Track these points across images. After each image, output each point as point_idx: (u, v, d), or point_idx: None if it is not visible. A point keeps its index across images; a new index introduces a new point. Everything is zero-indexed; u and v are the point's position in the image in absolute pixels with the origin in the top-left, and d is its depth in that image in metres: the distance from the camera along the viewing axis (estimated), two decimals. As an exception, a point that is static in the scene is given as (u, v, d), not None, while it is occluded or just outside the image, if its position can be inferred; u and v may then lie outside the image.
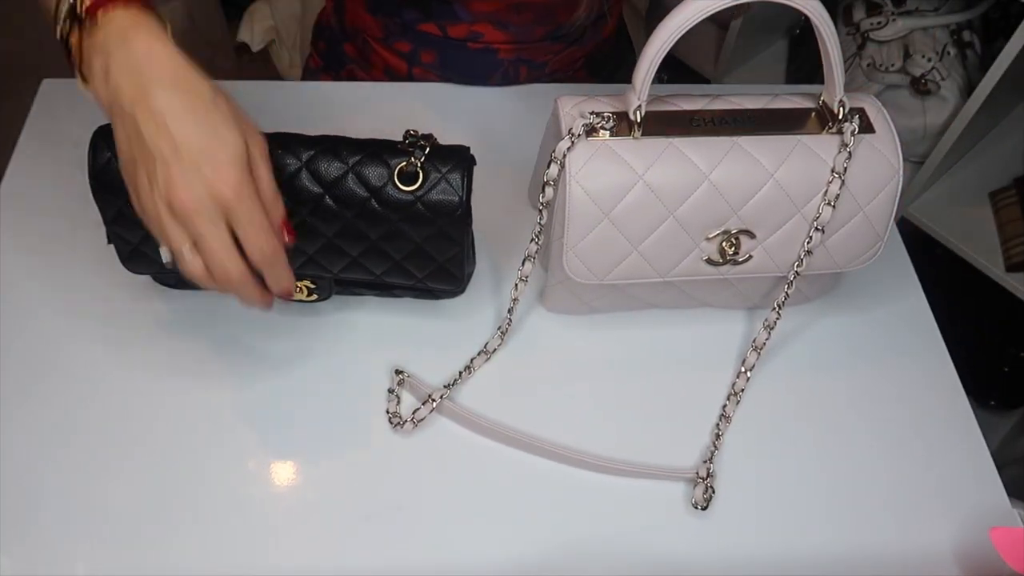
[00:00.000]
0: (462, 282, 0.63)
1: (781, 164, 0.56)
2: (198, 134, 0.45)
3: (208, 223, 0.46)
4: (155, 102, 0.45)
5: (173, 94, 0.45)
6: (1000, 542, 0.54)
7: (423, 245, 0.58)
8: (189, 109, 0.45)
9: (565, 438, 0.60)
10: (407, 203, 0.55)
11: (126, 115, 0.45)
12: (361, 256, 0.59)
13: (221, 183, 0.45)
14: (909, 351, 0.68)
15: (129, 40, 0.45)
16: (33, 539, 0.54)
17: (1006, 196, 1.19)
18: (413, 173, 0.55)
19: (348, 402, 0.62)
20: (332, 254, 0.59)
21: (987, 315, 1.35)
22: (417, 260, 0.60)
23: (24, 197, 0.70)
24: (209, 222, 0.46)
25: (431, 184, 0.55)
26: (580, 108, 0.56)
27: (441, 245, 0.58)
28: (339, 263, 0.60)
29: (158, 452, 0.58)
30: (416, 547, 0.56)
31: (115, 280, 0.66)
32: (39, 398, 0.60)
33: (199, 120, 0.45)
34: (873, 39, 1.22)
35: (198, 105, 0.46)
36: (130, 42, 0.45)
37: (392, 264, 0.60)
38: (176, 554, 0.54)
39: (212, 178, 0.45)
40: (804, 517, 0.59)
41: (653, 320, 0.68)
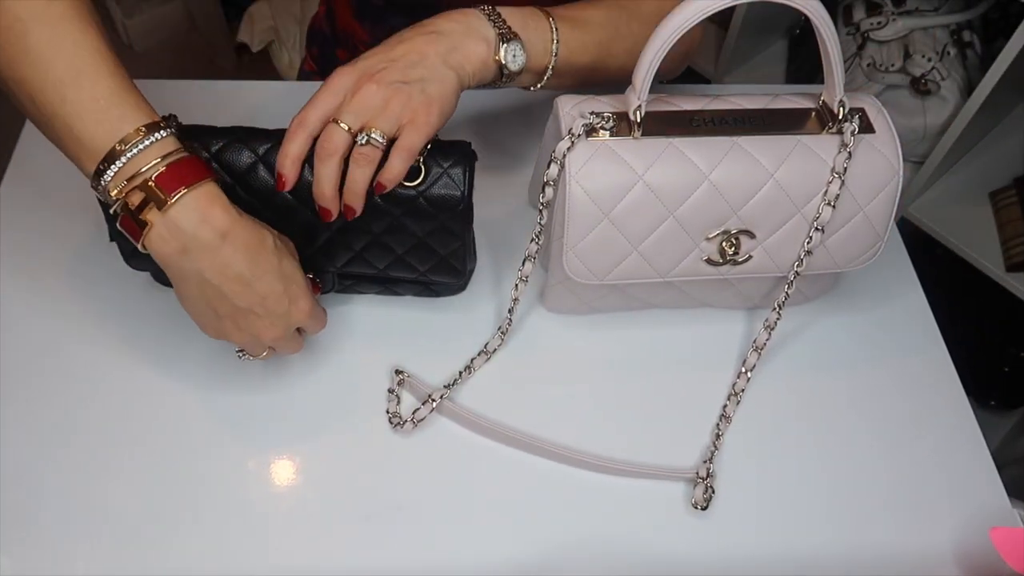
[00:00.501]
0: (463, 276, 0.63)
1: (781, 164, 0.56)
2: (277, 283, 0.52)
3: (289, 342, 0.55)
4: (237, 268, 0.50)
5: (251, 258, 0.50)
6: (1000, 542, 0.54)
7: (425, 239, 0.59)
8: (263, 266, 0.51)
9: (565, 438, 0.60)
10: (409, 198, 0.56)
11: (208, 284, 0.50)
12: (364, 250, 0.60)
13: (301, 315, 0.54)
14: (909, 351, 0.68)
15: (208, 220, 0.48)
16: (33, 539, 0.54)
17: (1006, 196, 1.19)
18: (415, 168, 0.55)
19: (348, 402, 0.62)
20: (336, 248, 0.60)
21: (987, 315, 1.35)
22: (419, 254, 0.60)
23: (24, 197, 0.71)
24: (289, 341, 0.55)
25: (433, 179, 0.55)
26: (580, 108, 0.56)
27: (443, 239, 0.59)
28: (342, 257, 0.60)
29: (158, 452, 0.58)
30: (416, 547, 0.56)
31: (115, 280, 0.66)
32: (39, 398, 0.60)
33: (272, 272, 0.51)
34: (873, 39, 1.22)
35: (267, 259, 0.51)
36: (209, 221, 0.48)
37: (395, 258, 0.60)
38: (176, 554, 0.54)
39: (301, 309, 0.53)
40: (804, 517, 0.59)
41: (653, 320, 0.68)
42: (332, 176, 0.53)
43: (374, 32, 0.81)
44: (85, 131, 0.47)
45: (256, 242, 0.50)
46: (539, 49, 0.58)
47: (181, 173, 0.48)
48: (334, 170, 0.53)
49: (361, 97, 0.52)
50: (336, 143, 0.52)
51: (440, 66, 0.54)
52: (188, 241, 0.48)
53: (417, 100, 0.53)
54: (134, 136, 0.47)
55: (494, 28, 0.56)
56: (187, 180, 0.48)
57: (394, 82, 0.53)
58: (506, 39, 0.56)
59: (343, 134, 0.52)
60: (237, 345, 0.55)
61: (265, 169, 0.55)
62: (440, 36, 0.55)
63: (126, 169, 0.47)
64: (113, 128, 0.47)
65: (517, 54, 0.57)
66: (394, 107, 0.53)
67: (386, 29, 0.65)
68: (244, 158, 0.55)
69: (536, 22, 0.58)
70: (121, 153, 0.47)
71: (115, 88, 0.47)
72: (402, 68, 0.53)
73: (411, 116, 0.53)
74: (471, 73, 0.56)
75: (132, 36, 1.95)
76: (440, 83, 0.54)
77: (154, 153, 0.47)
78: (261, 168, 0.55)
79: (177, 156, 0.48)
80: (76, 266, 0.67)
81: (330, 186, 0.53)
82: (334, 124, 0.52)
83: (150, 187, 0.47)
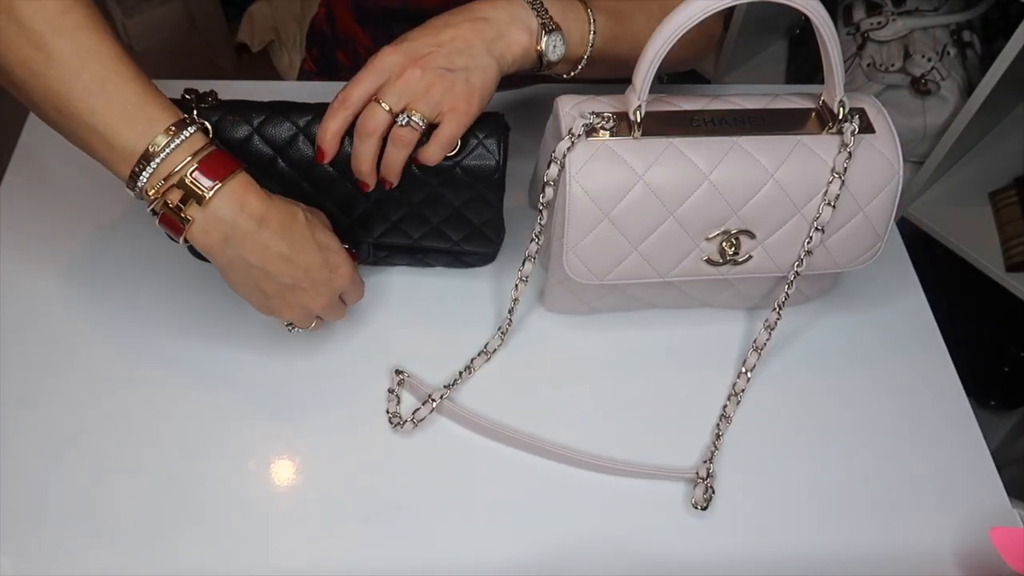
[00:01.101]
0: (496, 245, 0.65)
1: (781, 164, 0.56)
2: (316, 255, 0.54)
3: (335, 309, 0.58)
4: (277, 248, 0.52)
5: (288, 237, 0.52)
6: (1000, 542, 0.54)
7: (460, 209, 0.60)
8: (300, 240, 0.53)
9: (565, 438, 0.60)
10: (446, 168, 0.57)
11: (252, 267, 0.52)
12: (400, 221, 0.61)
13: (343, 280, 0.56)
14: (909, 351, 0.68)
15: (246, 207, 0.50)
16: (34, 539, 0.54)
17: (1006, 196, 1.19)
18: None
19: (348, 402, 0.62)
20: (373, 219, 0.61)
21: (987, 315, 1.35)
22: (454, 223, 0.62)
23: (24, 197, 0.71)
24: (335, 308, 0.58)
25: (469, 150, 0.57)
26: (580, 108, 0.56)
27: (478, 208, 0.60)
28: (379, 227, 0.62)
29: (158, 452, 0.58)
30: (416, 547, 0.56)
31: (114, 280, 0.66)
32: (39, 398, 0.60)
33: (309, 244, 0.53)
34: (873, 39, 1.22)
35: (302, 233, 0.53)
36: (247, 208, 0.50)
37: (430, 228, 0.62)
38: (176, 554, 0.54)
39: (342, 275, 0.56)
40: (804, 517, 0.59)
41: (653, 320, 0.68)
42: (370, 154, 0.55)
43: (375, 36, 0.81)
44: (117, 137, 0.48)
45: (290, 219, 0.52)
46: (576, 39, 0.59)
47: (214, 167, 0.50)
48: (373, 148, 0.54)
49: (405, 80, 0.53)
50: (377, 123, 0.53)
51: (484, 55, 0.55)
52: (229, 230, 0.50)
53: (460, 88, 0.54)
54: (165, 137, 0.49)
55: (537, 18, 0.57)
56: (220, 173, 0.49)
57: (439, 68, 0.53)
58: (548, 29, 0.57)
59: (384, 114, 0.53)
60: (287, 320, 0.57)
61: (306, 141, 0.56)
62: (487, 23, 0.56)
63: (161, 169, 0.49)
64: (144, 131, 0.48)
65: (557, 45, 0.58)
66: (436, 93, 0.54)
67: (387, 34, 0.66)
68: (285, 130, 0.56)
69: (575, 12, 0.59)
70: (155, 155, 0.49)
71: (140, 92, 0.49)
72: (447, 55, 0.54)
73: (452, 104, 0.54)
74: (511, 62, 0.57)
75: (132, 36, 1.95)
76: (483, 72, 0.55)
77: (186, 151, 0.49)
78: (302, 139, 0.56)
79: (207, 151, 0.50)
80: (76, 266, 0.67)
81: (368, 163, 0.55)
82: (376, 104, 0.53)
83: (188, 184, 0.49)
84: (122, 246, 0.68)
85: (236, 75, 1.94)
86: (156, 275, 0.67)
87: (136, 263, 0.67)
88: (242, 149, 0.56)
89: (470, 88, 0.54)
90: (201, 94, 0.55)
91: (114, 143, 0.48)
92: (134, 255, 0.68)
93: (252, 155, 0.56)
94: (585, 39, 0.60)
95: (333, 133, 0.54)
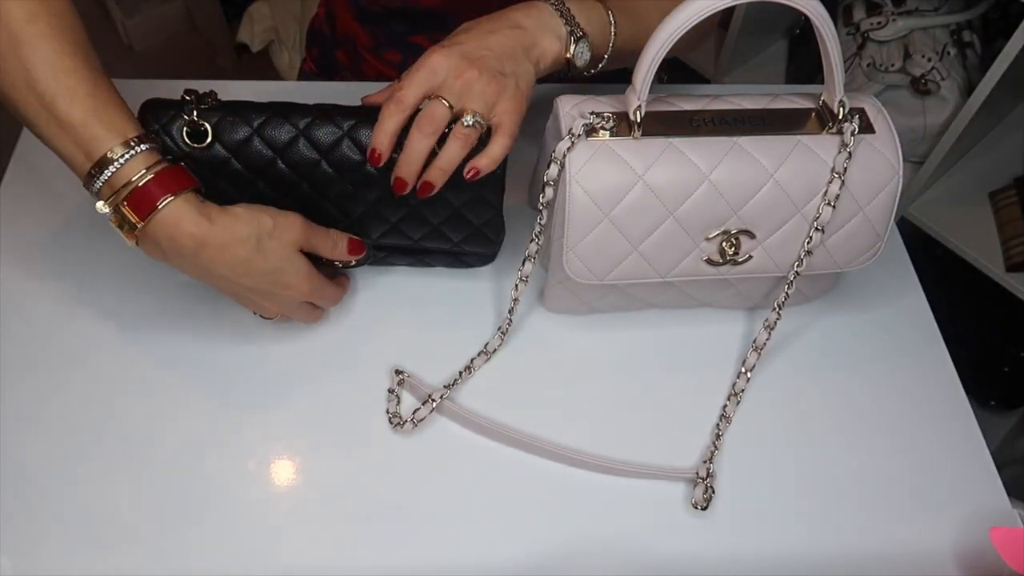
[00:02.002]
0: (496, 246, 0.65)
1: (781, 164, 0.56)
2: (262, 277, 0.54)
3: (299, 313, 0.59)
4: (217, 271, 0.53)
5: (229, 262, 0.52)
6: (1000, 542, 0.54)
7: (460, 209, 0.60)
8: (244, 265, 0.53)
9: (565, 438, 0.60)
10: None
11: (200, 277, 0.54)
12: (400, 222, 0.61)
13: (300, 295, 0.57)
14: (909, 351, 0.68)
15: (176, 237, 0.51)
16: (34, 539, 0.54)
17: (1006, 196, 1.19)
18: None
19: (348, 402, 0.62)
20: (373, 220, 0.61)
21: (987, 315, 1.35)
22: (454, 224, 0.61)
23: (24, 197, 0.70)
24: (300, 312, 0.59)
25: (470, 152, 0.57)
26: (580, 108, 0.56)
27: (478, 209, 0.60)
28: (378, 229, 0.62)
29: (158, 452, 0.58)
30: (416, 547, 0.56)
31: (114, 281, 0.66)
32: (38, 398, 0.60)
33: (254, 268, 0.53)
34: (873, 39, 1.22)
35: (248, 258, 0.53)
36: (177, 239, 0.51)
37: (430, 229, 0.62)
38: (176, 554, 0.54)
39: (295, 293, 0.56)
40: (804, 517, 0.59)
41: (653, 320, 0.68)
42: (426, 150, 0.54)
43: (375, 35, 0.81)
44: (65, 151, 0.50)
45: (235, 243, 0.52)
46: (599, 41, 0.61)
47: (154, 189, 0.50)
48: (430, 144, 0.54)
49: (466, 80, 0.54)
50: (440, 119, 0.54)
51: (525, 61, 0.56)
52: (166, 252, 0.52)
53: (511, 91, 0.55)
54: (109, 157, 0.49)
55: (566, 25, 0.58)
56: (157, 197, 0.50)
57: (494, 71, 0.55)
58: (576, 37, 0.58)
59: (446, 112, 0.54)
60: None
61: (306, 143, 0.56)
62: (524, 32, 0.57)
63: (106, 188, 0.50)
64: (88, 151, 0.50)
65: (584, 51, 0.59)
66: (490, 95, 0.54)
67: (387, 32, 0.66)
68: (285, 132, 0.56)
69: (597, 14, 0.61)
70: (97, 176, 0.50)
71: (90, 109, 0.49)
72: (498, 58, 0.55)
73: (505, 107, 0.55)
74: (543, 68, 0.58)
75: (132, 36, 1.95)
76: (527, 77, 0.57)
77: (131, 170, 0.50)
78: (302, 142, 0.56)
79: (154, 171, 0.50)
80: (75, 266, 0.67)
81: (419, 162, 0.55)
82: (439, 100, 0.54)
83: (123, 213, 0.51)
84: (122, 247, 0.68)
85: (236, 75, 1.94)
86: (156, 277, 0.66)
87: (136, 265, 0.67)
88: (241, 151, 0.56)
89: (520, 92, 0.56)
90: (201, 95, 0.55)
91: (63, 155, 0.50)
92: (134, 256, 0.67)
93: (252, 156, 0.56)
94: (607, 40, 0.61)
95: (390, 135, 0.54)
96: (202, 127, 0.54)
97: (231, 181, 0.57)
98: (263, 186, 0.57)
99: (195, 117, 0.54)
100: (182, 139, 0.54)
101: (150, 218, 0.50)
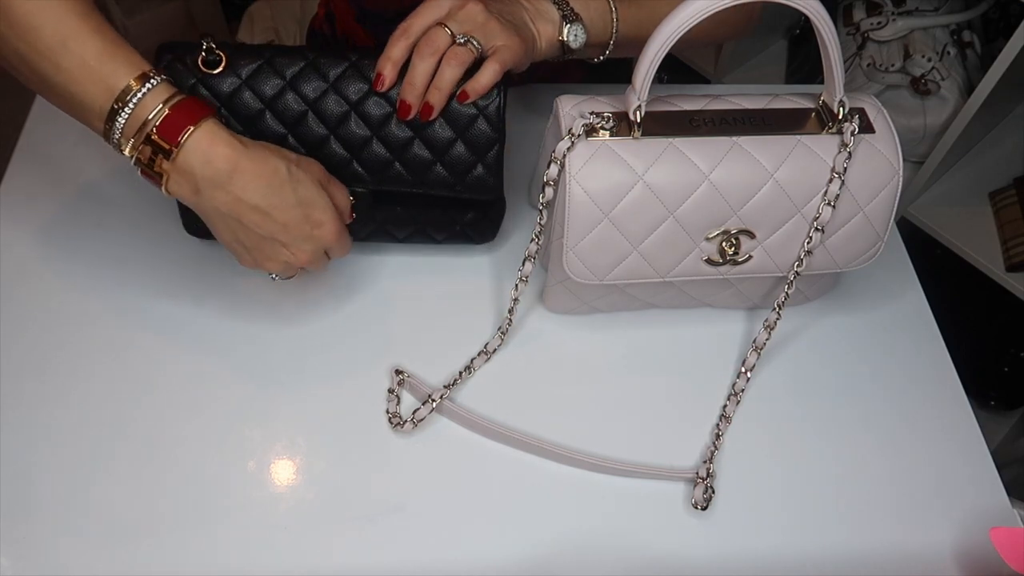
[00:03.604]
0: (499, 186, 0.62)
1: (781, 164, 0.56)
2: (295, 210, 0.52)
3: (318, 263, 0.56)
4: (251, 201, 0.51)
5: (263, 189, 0.51)
6: (1000, 542, 0.54)
7: (460, 139, 0.59)
8: (278, 193, 0.51)
9: (565, 438, 0.60)
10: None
11: (228, 218, 0.52)
12: (401, 151, 0.60)
13: (328, 236, 0.55)
14: (909, 351, 0.68)
15: (212, 160, 0.50)
16: (33, 540, 0.54)
17: (1006, 196, 1.19)
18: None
19: (348, 402, 0.62)
20: (372, 156, 0.60)
21: (987, 315, 1.35)
22: (456, 154, 0.60)
23: (24, 197, 0.70)
24: (319, 262, 0.56)
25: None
26: (580, 108, 0.56)
27: (478, 142, 0.60)
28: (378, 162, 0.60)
29: (158, 452, 0.58)
30: (416, 547, 0.56)
31: (114, 281, 0.66)
32: (39, 398, 0.60)
33: (288, 198, 0.52)
34: (873, 39, 1.22)
35: (282, 185, 0.52)
36: (213, 161, 0.50)
37: (428, 162, 0.60)
38: (176, 554, 0.54)
39: (325, 233, 0.54)
40: (804, 517, 0.59)
41: (653, 320, 0.68)
42: (427, 72, 0.56)
43: (376, 35, 0.81)
44: (84, 94, 0.49)
45: (268, 172, 0.51)
46: (599, 27, 0.63)
47: (180, 118, 0.49)
48: (431, 67, 0.56)
49: (467, 11, 0.57)
50: (440, 42, 0.56)
51: (524, 27, 0.60)
52: (199, 181, 0.50)
53: (510, 31, 0.58)
54: (128, 90, 0.49)
55: (559, 11, 0.62)
56: (191, 120, 0.49)
57: (496, 12, 0.58)
58: (568, 20, 0.61)
59: (446, 36, 0.56)
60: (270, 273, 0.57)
61: (314, 72, 0.57)
62: (523, 9, 0.61)
63: (131, 123, 0.49)
64: (107, 87, 0.49)
65: (579, 34, 0.62)
66: (493, 27, 0.57)
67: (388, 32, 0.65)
68: (295, 64, 0.57)
69: (597, 2, 0.63)
70: (120, 110, 0.49)
71: (102, 47, 0.49)
72: (499, 7, 0.59)
73: (506, 41, 0.57)
74: (540, 49, 0.61)
75: (132, 36, 1.95)
76: (527, 35, 0.59)
77: (152, 101, 0.49)
78: (311, 73, 0.57)
79: (174, 100, 0.49)
80: (75, 266, 0.67)
81: (423, 82, 0.56)
82: (440, 26, 0.56)
83: (154, 140, 0.49)
84: (123, 245, 0.68)
85: (236, 75, 1.93)
86: (156, 276, 0.67)
87: (137, 262, 0.67)
88: (254, 79, 0.57)
89: (521, 37, 0.58)
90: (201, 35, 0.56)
91: (84, 101, 0.49)
92: (135, 254, 0.68)
93: (262, 84, 0.57)
94: (609, 27, 0.63)
95: (393, 60, 0.56)
96: (217, 55, 0.56)
97: (241, 118, 0.57)
98: (270, 118, 0.58)
99: (212, 45, 0.55)
100: (197, 66, 0.56)
101: (184, 141, 0.49)
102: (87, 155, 0.53)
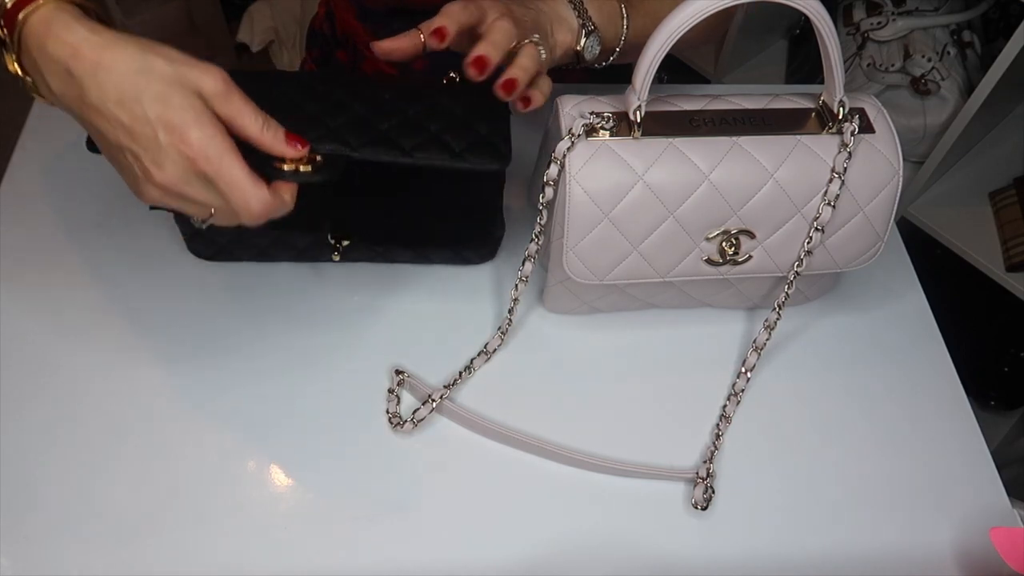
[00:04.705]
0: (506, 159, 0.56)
1: (781, 164, 0.56)
2: (144, 111, 0.43)
3: (201, 191, 0.45)
4: (92, 96, 0.43)
5: (104, 81, 0.43)
6: (1000, 542, 0.54)
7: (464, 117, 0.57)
8: (125, 89, 0.43)
9: (565, 438, 0.60)
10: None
11: (82, 118, 0.45)
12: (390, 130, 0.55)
13: (186, 147, 0.43)
14: (909, 351, 0.68)
15: (46, 46, 0.43)
16: (33, 540, 0.54)
17: (1006, 196, 1.19)
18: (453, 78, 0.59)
19: (348, 402, 0.62)
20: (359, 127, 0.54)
21: (987, 315, 1.35)
22: (457, 131, 0.56)
23: (24, 197, 0.70)
24: (202, 190, 0.45)
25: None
26: (580, 108, 0.56)
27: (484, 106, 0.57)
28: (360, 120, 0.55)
29: (158, 452, 0.58)
30: (416, 547, 0.56)
31: (114, 281, 0.66)
32: (39, 398, 0.60)
33: (139, 96, 0.43)
34: (873, 39, 1.22)
35: (132, 81, 0.43)
36: (47, 47, 0.43)
37: (427, 136, 0.55)
38: (176, 555, 0.54)
39: (179, 147, 0.43)
40: (804, 517, 0.59)
41: (653, 320, 0.68)
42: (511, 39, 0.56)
43: (376, 34, 0.81)
44: None
45: (117, 60, 0.43)
46: (610, 35, 0.63)
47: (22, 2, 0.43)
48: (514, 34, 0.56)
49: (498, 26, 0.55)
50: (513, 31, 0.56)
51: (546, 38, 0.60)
52: (42, 70, 0.44)
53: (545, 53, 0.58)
54: None
55: (578, 18, 0.61)
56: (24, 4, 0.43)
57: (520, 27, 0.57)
58: (587, 31, 0.61)
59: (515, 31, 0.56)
60: (152, 204, 0.48)
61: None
62: (543, 17, 0.60)
63: None
64: None
65: (594, 45, 0.61)
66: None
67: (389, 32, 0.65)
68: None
69: (610, 8, 0.62)
70: None
71: None
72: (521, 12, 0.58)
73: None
74: (556, 57, 0.61)
75: (132, 36, 1.95)
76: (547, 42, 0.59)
77: None
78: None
79: None
80: (75, 266, 0.67)
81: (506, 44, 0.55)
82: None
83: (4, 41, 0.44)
84: (122, 248, 0.68)
85: (236, 75, 1.93)
86: (156, 277, 0.67)
87: (136, 264, 0.67)
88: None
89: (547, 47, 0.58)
90: None
91: None
92: (134, 257, 0.68)
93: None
94: (618, 34, 0.63)
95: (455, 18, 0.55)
96: None
97: None
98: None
99: None
100: None
101: (21, 25, 0.43)
102: (87, 155, 0.53)
